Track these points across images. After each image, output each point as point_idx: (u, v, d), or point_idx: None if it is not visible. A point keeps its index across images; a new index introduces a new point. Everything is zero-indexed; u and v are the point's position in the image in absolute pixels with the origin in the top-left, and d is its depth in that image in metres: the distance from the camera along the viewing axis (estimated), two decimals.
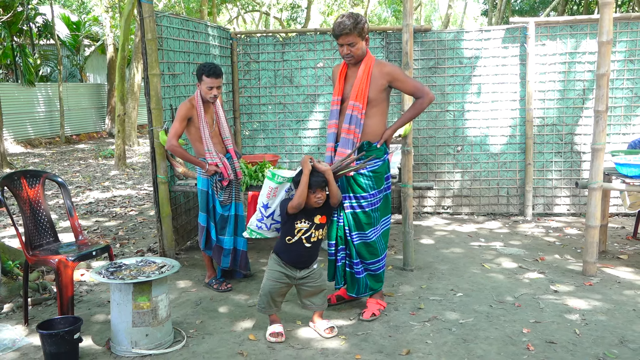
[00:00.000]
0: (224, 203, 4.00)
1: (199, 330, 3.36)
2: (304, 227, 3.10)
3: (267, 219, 3.22)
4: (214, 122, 4.02)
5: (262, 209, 3.19)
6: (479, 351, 3.02)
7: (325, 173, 3.06)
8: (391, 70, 3.41)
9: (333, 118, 3.48)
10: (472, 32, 6.10)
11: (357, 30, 3.28)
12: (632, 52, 5.82)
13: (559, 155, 6.11)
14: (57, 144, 16.07)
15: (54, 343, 2.87)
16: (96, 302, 3.89)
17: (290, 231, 3.11)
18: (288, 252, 3.16)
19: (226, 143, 4.09)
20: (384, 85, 3.39)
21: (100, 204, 7.53)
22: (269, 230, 3.29)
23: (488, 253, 4.87)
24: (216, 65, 3.87)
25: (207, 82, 3.82)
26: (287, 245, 3.13)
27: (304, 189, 3.00)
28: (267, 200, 3.16)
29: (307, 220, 3.11)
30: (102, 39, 19.23)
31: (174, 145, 3.89)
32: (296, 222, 3.09)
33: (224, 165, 3.96)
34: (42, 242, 3.59)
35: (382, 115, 3.45)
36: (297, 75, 6.38)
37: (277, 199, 3.16)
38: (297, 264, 3.17)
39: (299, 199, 3.00)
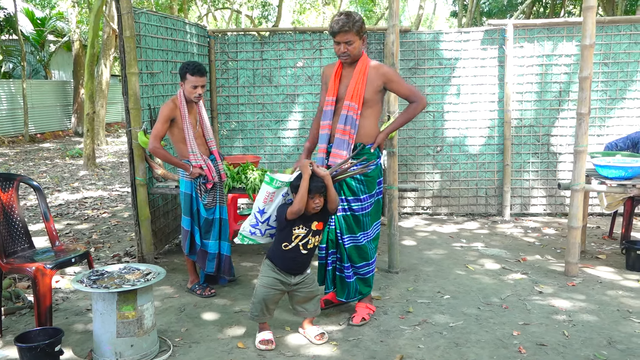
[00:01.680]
0: (208, 206, 3.89)
1: (184, 339, 3.25)
2: (302, 233, 3.02)
3: (262, 225, 3.10)
4: (197, 122, 3.90)
5: (258, 214, 3.06)
6: (471, 355, 3.01)
7: (325, 178, 2.97)
8: (387, 71, 3.39)
9: (327, 119, 3.41)
10: (452, 34, 6.12)
11: (355, 28, 3.26)
12: (607, 56, 5.95)
13: (535, 156, 6.19)
14: (21, 143, 15.52)
15: (34, 357, 2.72)
16: (73, 310, 3.72)
17: (287, 237, 3.03)
18: (283, 258, 3.07)
19: (209, 144, 3.98)
20: (380, 87, 3.36)
21: (71, 205, 7.27)
22: (263, 237, 3.17)
23: (470, 254, 4.89)
24: (200, 64, 3.78)
25: (192, 81, 3.70)
26: (283, 251, 3.05)
27: (305, 194, 2.91)
28: (264, 205, 3.04)
29: (305, 226, 3.02)
30: (68, 35, 18.67)
31: (157, 147, 3.77)
32: (294, 228, 3.01)
33: (208, 167, 3.85)
34: (17, 248, 3.41)
35: (375, 117, 3.42)
36: (276, 74, 6.29)
37: (273, 204, 3.05)
38: (292, 270, 3.09)
39: (299, 204, 2.91)
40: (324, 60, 6.18)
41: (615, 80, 5.98)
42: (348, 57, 3.34)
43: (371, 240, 3.49)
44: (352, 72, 3.36)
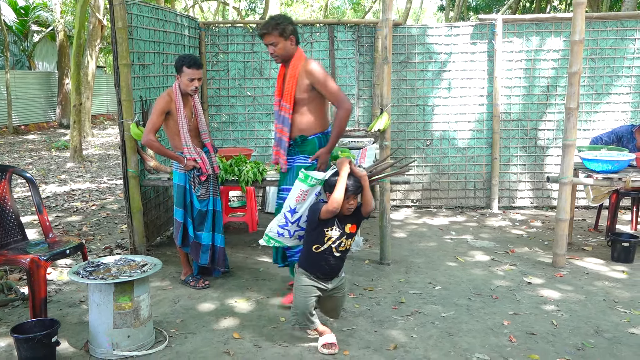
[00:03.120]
0: (202, 198, 3.90)
1: (180, 330, 3.27)
2: (335, 235, 2.86)
3: (292, 225, 2.95)
4: (192, 115, 3.91)
5: (288, 214, 2.91)
6: (464, 344, 3.07)
7: (362, 179, 2.83)
8: (313, 71, 3.40)
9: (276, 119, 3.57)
10: (442, 28, 6.17)
11: (277, 30, 3.38)
12: (594, 51, 6.04)
13: (523, 149, 6.28)
14: (4, 135, 15.29)
15: (30, 348, 2.72)
16: (67, 302, 3.72)
17: (319, 239, 2.87)
18: (316, 263, 2.90)
19: (203, 137, 3.99)
20: (309, 85, 3.42)
21: (59, 198, 7.21)
22: (291, 238, 3.03)
23: (460, 246, 4.97)
24: (196, 57, 3.81)
25: (188, 74, 3.72)
26: (315, 254, 2.88)
27: (342, 191, 2.75)
28: (296, 204, 2.89)
29: (338, 227, 2.86)
30: (52, 25, 18.39)
31: (151, 139, 3.76)
32: (326, 229, 2.84)
33: (202, 160, 3.86)
34: (10, 240, 3.40)
35: (316, 112, 3.51)
36: (267, 67, 6.28)
37: (305, 203, 2.90)
38: (327, 275, 2.94)
39: (336, 202, 2.74)
40: (315, 53, 6.19)
41: (601, 75, 6.08)
42: (277, 57, 3.47)
43: None
44: (287, 72, 3.48)
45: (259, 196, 6.46)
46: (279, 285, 4.02)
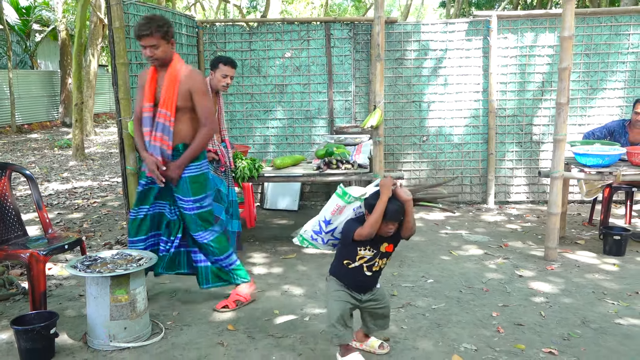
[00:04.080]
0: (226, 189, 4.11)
1: (176, 322, 3.35)
2: (368, 255, 2.71)
3: (325, 235, 2.83)
4: (216, 112, 4.08)
5: (323, 223, 2.79)
6: (452, 335, 3.14)
7: (407, 203, 2.62)
8: (195, 82, 3.29)
9: (147, 125, 3.32)
10: (438, 25, 6.22)
11: (160, 32, 3.22)
12: (588, 47, 6.08)
13: (519, 145, 6.34)
14: (8, 134, 15.41)
15: (30, 339, 2.81)
16: (67, 296, 3.81)
17: (350, 255, 2.73)
18: (347, 276, 2.77)
19: (223, 133, 4.20)
20: (188, 91, 3.29)
21: (61, 195, 7.31)
22: (325, 245, 2.91)
23: (455, 240, 5.03)
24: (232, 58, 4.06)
25: (224, 70, 3.95)
26: (346, 268, 2.76)
27: (379, 218, 2.57)
28: (331, 217, 2.76)
29: (372, 248, 2.71)
30: (54, 25, 18.50)
31: None
32: (359, 248, 2.70)
33: (221, 153, 4.07)
34: (10, 236, 3.49)
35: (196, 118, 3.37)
36: (265, 65, 6.35)
37: (342, 216, 2.75)
38: (358, 289, 2.80)
39: (371, 228, 2.58)
40: (312, 51, 6.26)
41: (596, 70, 6.13)
42: (156, 60, 3.27)
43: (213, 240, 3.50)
44: (164, 75, 3.30)
45: (258, 193, 6.54)
46: (274, 279, 4.10)
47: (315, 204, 6.55)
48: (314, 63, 6.30)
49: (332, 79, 6.30)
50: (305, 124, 6.43)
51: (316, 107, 6.38)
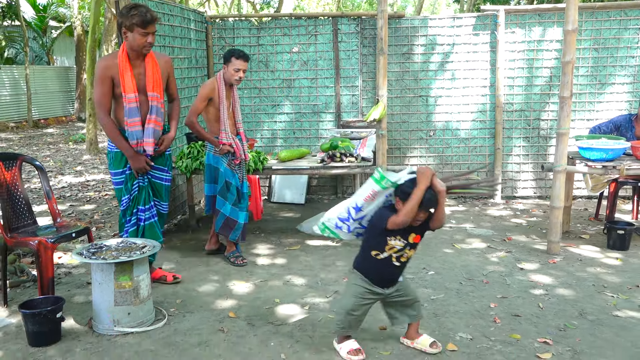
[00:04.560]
0: (239, 180, 4.23)
1: (179, 309, 3.44)
2: (398, 245, 2.68)
3: (353, 222, 2.76)
4: (231, 105, 4.19)
5: (353, 210, 2.72)
6: (449, 324, 3.18)
7: (440, 194, 2.58)
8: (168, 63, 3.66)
9: (135, 115, 3.45)
10: (445, 19, 6.23)
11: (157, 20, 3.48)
12: (597, 41, 6.05)
13: (526, 140, 6.33)
14: (25, 128, 15.69)
15: (37, 322, 2.91)
16: (75, 283, 3.92)
17: (379, 245, 2.69)
18: (373, 269, 2.75)
19: (238, 126, 4.29)
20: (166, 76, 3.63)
21: (74, 188, 7.46)
22: (349, 234, 2.83)
23: (459, 234, 5.06)
24: (244, 51, 4.14)
25: (236, 64, 4.02)
26: (372, 260, 2.72)
27: (416, 206, 2.54)
28: (364, 203, 2.69)
29: (403, 238, 2.67)
30: (70, 21, 18.76)
31: (193, 121, 4.11)
32: (389, 238, 2.67)
33: (236, 145, 4.16)
34: (20, 224, 3.59)
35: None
36: (273, 59, 6.42)
37: (374, 203, 2.70)
38: (383, 283, 2.78)
39: (406, 216, 2.55)
40: (319, 46, 6.30)
41: (605, 65, 6.09)
42: (151, 47, 3.46)
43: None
44: (143, 64, 3.48)
45: (266, 186, 6.61)
46: (277, 270, 4.17)
47: (322, 197, 6.61)
48: (322, 58, 6.35)
49: (339, 73, 6.34)
50: (313, 118, 6.48)
51: (323, 102, 6.43)
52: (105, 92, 3.43)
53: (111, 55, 3.50)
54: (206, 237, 5.02)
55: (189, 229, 5.28)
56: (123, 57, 3.42)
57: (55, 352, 2.90)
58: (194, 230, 5.25)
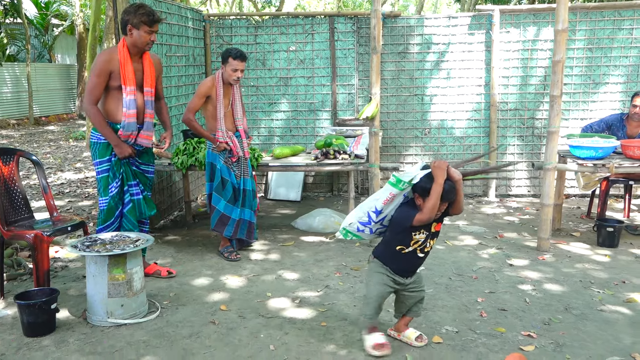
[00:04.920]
0: (237, 178, 4.29)
1: (172, 302, 3.50)
2: (421, 237, 2.72)
3: (374, 224, 2.80)
4: (229, 103, 4.26)
5: (373, 214, 2.76)
6: (436, 318, 3.25)
7: (458, 183, 2.63)
8: (159, 63, 3.87)
9: (132, 107, 3.58)
10: (441, 19, 6.29)
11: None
12: (591, 41, 6.10)
13: (520, 138, 6.38)
14: (26, 125, 15.78)
15: (32, 313, 2.98)
16: (71, 277, 3.99)
17: (404, 241, 2.73)
18: (397, 261, 2.80)
19: (237, 123, 4.33)
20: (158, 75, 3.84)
21: (73, 184, 7.54)
22: (371, 234, 2.89)
23: (452, 231, 5.11)
24: (242, 50, 4.19)
25: (233, 65, 4.09)
26: (397, 254, 2.77)
27: (437, 201, 2.57)
28: (382, 206, 2.73)
29: (425, 230, 2.72)
30: (71, 19, 18.84)
31: (190, 118, 4.20)
32: (414, 233, 2.71)
33: (233, 143, 4.22)
34: (17, 218, 3.66)
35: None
36: (270, 58, 6.48)
37: (392, 204, 2.74)
38: (405, 272, 2.84)
39: (431, 212, 2.59)
40: (316, 44, 6.37)
41: (598, 65, 6.14)
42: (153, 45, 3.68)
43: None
44: (141, 61, 3.66)
45: (262, 183, 6.68)
46: (270, 265, 4.23)
47: (318, 195, 6.67)
48: (318, 56, 6.41)
49: (335, 72, 6.40)
50: (309, 116, 6.55)
51: (320, 100, 6.50)
52: (100, 84, 3.54)
53: (111, 49, 3.62)
54: (202, 232, 5.10)
55: (185, 225, 5.34)
56: (124, 51, 3.56)
57: (50, 342, 2.97)
58: (190, 227, 5.31)
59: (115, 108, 3.60)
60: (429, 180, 2.60)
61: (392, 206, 2.74)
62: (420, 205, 2.66)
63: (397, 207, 2.75)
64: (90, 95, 3.53)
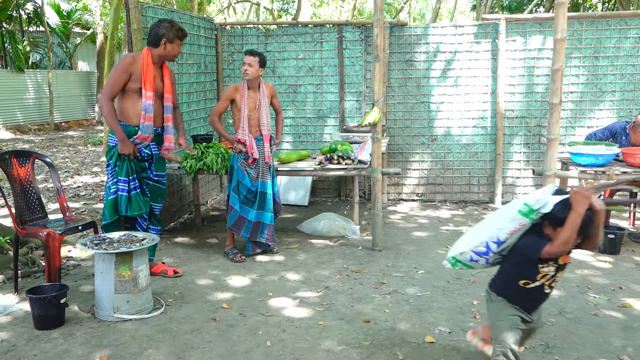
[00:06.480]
0: (253, 180, 4.43)
1: (177, 300, 3.64)
2: (550, 271, 2.43)
3: (493, 255, 2.53)
4: (256, 107, 4.44)
5: (494, 244, 2.48)
6: (430, 319, 3.33)
7: (598, 215, 2.29)
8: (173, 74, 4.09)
9: (150, 111, 3.80)
10: (447, 28, 6.38)
11: None
12: (597, 50, 6.14)
13: (527, 146, 6.43)
14: (46, 131, 16.19)
15: (42, 307, 3.14)
16: (82, 275, 4.15)
17: (530, 275, 2.44)
18: (522, 297, 2.50)
19: (262, 128, 4.50)
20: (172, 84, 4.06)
21: (89, 187, 7.76)
22: (487, 265, 2.63)
23: (455, 236, 5.16)
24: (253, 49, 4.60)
25: (244, 59, 4.33)
26: (521, 289, 2.47)
27: (574, 234, 2.27)
28: (507, 237, 2.45)
29: (555, 262, 2.42)
30: (92, 28, 19.31)
31: (214, 120, 4.46)
32: (541, 266, 2.42)
33: (250, 145, 4.38)
34: (32, 217, 3.84)
35: None
36: (280, 65, 6.63)
37: (517, 234, 2.45)
38: (533, 308, 2.57)
39: (565, 246, 2.29)
40: (325, 53, 6.51)
41: (605, 73, 6.17)
42: None
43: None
44: (160, 70, 3.92)
45: None
46: (274, 266, 4.35)
47: (326, 199, 6.78)
48: (327, 64, 6.54)
49: (343, 79, 6.53)
50: (318, 122, 6.68)
51: (328, 107, 6.63)
52: (120, 82, 3.76)
53: (135, 54, 3.91)
54: (210, 235, 5.25)
55: (194, 228, 5.49)
56: (148, 59, 3.81)
57: (58, 334, 3.12)
58: (199, 229, 5.46)
59: (131, 110, 3.80)
60: (564, 208, 2.29)
61: (516, 235, 2.46)
62: (550, 235, 2.36)
63: (525, 238, 2.45)
64: (109, 90, 3.76)
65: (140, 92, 3.75)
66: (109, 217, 3.86)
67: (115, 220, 3.87)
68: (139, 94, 3.77)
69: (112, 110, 3.75)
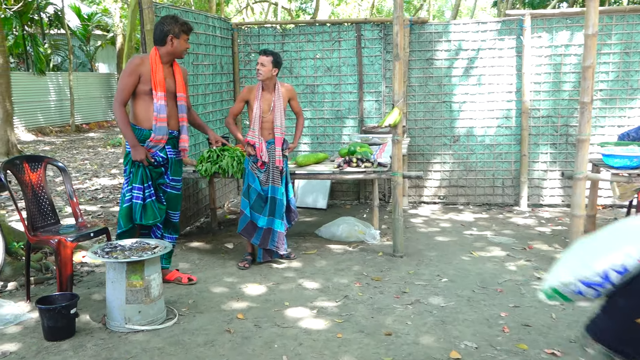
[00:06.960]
0: (263, 185, 4.31)
1: (190, 309, 3.52)
2: None
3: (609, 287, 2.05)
4: (269, 109, 4.31)
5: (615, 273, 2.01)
6: (455, 332, 3.15)
7: None
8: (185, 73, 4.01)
9: (163, 112, 3.68)
10: (469, 24, 6.17)
11: None
12: (628, 45, 5.87)
13: (554, 146, 6.18)
14: (68, 133, 16.33)
15: (52, 318, 3.04)
16: (95, 282, 4.07)
17: None
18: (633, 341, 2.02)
19: (275, 131, 4.34)
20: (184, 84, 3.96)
21: (106, 190, 7.73)
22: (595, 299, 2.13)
23: (479, 242, 4.98)
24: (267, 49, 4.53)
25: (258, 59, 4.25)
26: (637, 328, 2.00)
27: None
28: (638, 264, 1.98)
29: None
30: (112, 30, 19.45)
31: (229, 121, 4.42)
32: None
33: (259, 147, 4.26)
34: (44, 223, 3.76)
35: None
36: (297, 65, 6.49)
37: None
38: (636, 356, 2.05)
39: None
40: (343, 52, 6.34)
41: (636, 70, 5.89)
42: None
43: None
44: (171, 69, 3.81)
45: None
46: (291, 273, 4.21)
47: (344, 202, 6.62)
48: (345, 64, 6.38)
49: (362, 79, 6.36)
50: (336, 123, 6.52)
51: (347, 107, 6.46)
52: (129, 85, 3.65)
53: (143, 55, 3.77)
54: (226, 239, 5.14)
55: (210, 232, 5.39)
56: (156, 59, 3.69)
57: (68, 346, 3.03)
58: (215, 233, 5.35)
59: (145, 114, 3.69)
60: None
61: None
62: None
63: None
64: (119, 95, 3.67)
65: (152, 93, 3.64)
66: (123, 225, 3.75)
67: (130, 229, 3.76)
68: (151, 96, 3.66)
69: (124, 116, 3.65)
